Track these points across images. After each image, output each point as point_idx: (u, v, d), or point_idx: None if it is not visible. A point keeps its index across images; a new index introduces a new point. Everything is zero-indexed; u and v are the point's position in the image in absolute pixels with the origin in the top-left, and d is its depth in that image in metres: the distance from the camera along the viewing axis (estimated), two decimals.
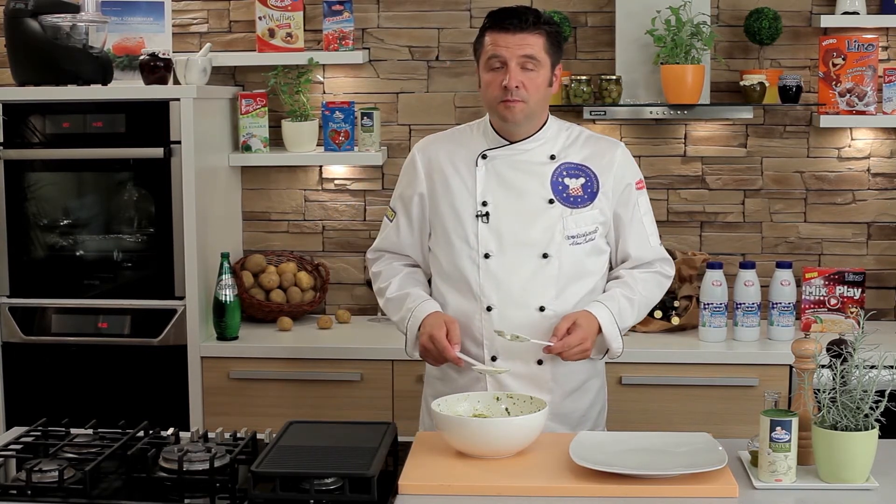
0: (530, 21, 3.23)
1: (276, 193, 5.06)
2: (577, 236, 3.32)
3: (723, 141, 4.88)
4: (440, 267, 3.42)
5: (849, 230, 4.88)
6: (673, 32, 4.53)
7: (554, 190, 3.32)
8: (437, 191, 3.39)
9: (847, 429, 2.72)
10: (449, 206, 3.37)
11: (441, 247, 3.40)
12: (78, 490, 2.69)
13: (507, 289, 3.31)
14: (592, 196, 3.34)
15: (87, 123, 4.52)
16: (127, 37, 4.90)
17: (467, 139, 3.43)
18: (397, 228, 3.48)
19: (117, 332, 4.53)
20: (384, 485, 2.70)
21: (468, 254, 3.34)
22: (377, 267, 3.54)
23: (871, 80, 4.62)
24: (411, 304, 3.36)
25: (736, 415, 4.23)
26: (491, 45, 3.25)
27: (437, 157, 3.42)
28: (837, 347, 2.89)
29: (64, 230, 4.66)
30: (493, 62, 3.25)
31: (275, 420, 3.41)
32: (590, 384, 3.46)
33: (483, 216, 3.33)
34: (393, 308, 3.43)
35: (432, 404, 3.00)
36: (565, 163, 3.35)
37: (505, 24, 3.22)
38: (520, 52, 3.22)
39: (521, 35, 3.22)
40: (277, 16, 4.82)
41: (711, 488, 2.69)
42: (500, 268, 3.32)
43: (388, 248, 3.52)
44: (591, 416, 3.47)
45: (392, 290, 3.44)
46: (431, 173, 3.41)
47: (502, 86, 3.23)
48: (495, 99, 3.27)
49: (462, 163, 3.38)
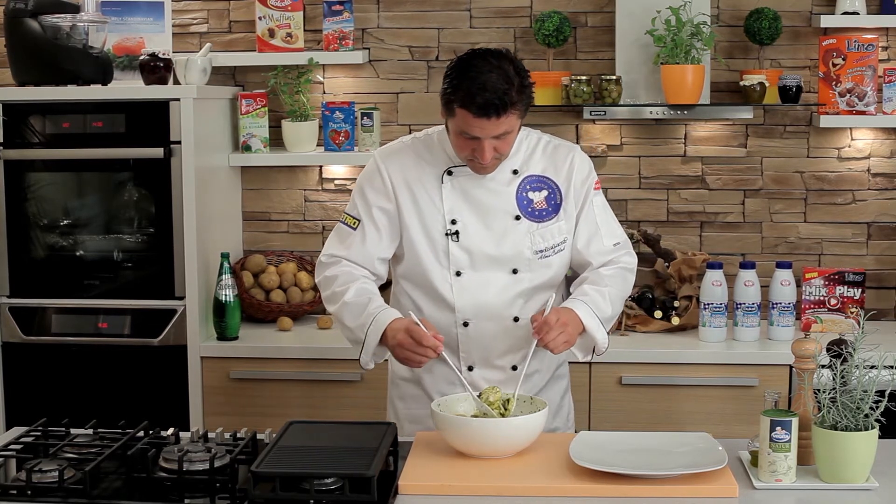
0: (507, 105, 3.06)
1: (277, 193, 5.06)
2: (545, 250, 3.31)
3: (723, 141, 4.88)
4: (410, 280, 3.37)
5: (849, 230, 4.88)
6: (673, 32, 4.53)
7: (519, 205, 3.31)
8: (405, 207, 3.32)
9: (847, 429, 2.72)
10: (419, 224, 3.31)
11: (413, 263, 3.35)
12: (78, 490, 2.68)
13: (481, 304, 3.30)
14: (556, 208, 3.33)
15: (88, 123, 4.52)
16: (127, 37, 4.90)
17: (431, 152, 3.34)
18: (363, 237, 3.33)
19: (117, 332, 4.53)
20: (384, 485, 2.70)
21: (439, 271, 3.31)
22: (333, 271, 3.34)
23: (871, 80, 4.62)
24: (373, 309, 3.23)
25: (736, 415, 4.23)
26: (462, 122, 3.11)
27: (403, 172, 3.33)
28: (837, 347, 2.89)
29: (64, 230, 4.66)
30: (463, 134, 3.13)
31: (275, 420, 3.41)
32: (559, 371, 3.52)
33: (453, 234, 3.30)
34: (350, 313, 3.26)
35: (432, 404, 3.00)
36: (528, 176, 3.33)
37: (479, 112, 3.06)
38: (494, 132, 3.10)
39: (495, 120, 3.07)
40: (277, 16, 4.82)
41: (711, 488, 2.69)
42: (473, 284, 3.30)
43: (349, 257, 3.35)
44: (564, 405, 3.54)
45: (350, 295, 3.26)
46: (398, 188, 3.32)
47: (474, 154, 3.16)
48: (466, 158, 3.21)
49: (428, 179, 3.32)
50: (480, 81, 3.05)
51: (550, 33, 4.67)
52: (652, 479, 2.73)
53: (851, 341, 2.81)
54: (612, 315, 3.31)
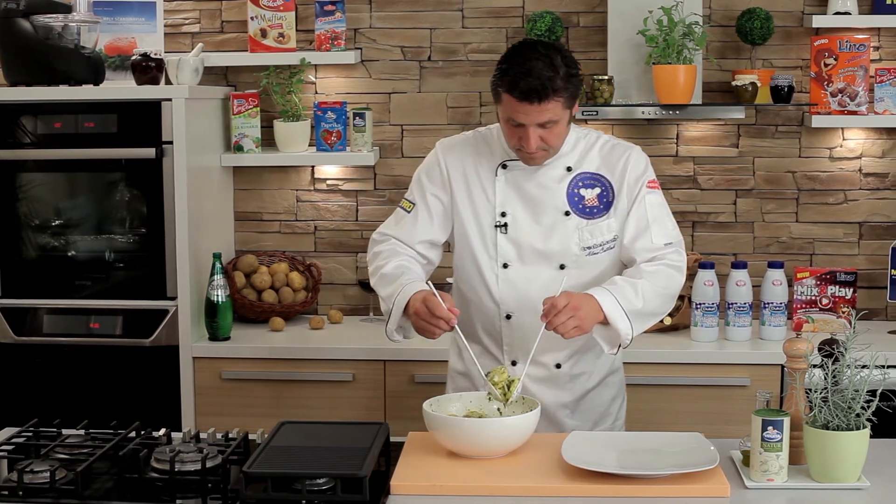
0: (549, 91, 3.11)
1: (268, 194, 5.06)
2: (593, 247, 3.31)
3: (714, 141, 4.88)
4: (461, 271, 3.41)
5: (840, 230, 4.89)
6: (665, 32, 4.54)
7: (570, 202, 3.32)
8: (459, 198, 3.38)
9: (838, 428, 2.73)
10: (471, 215, 3.36)
11: (462, 253, 3.40)
12: (69, 491, 2.68)
13: (525, 298, 3.29)
14: (608, 206, 3.33)
15: (79, 124, 4.51)
16: (119, 37, 4.89)
17: (489, 145, 3.40)
18: (415, 219, 3.40)
19: (109, 332, 4.53)
20: (376, 485, 2.70)
21: (487, 263, 3.35)
22: (381, 247, 3.43)
23: (862, 80, 4.63)
24: (405, 281, 3.26)
25: (728, 414, 4.23)
26: (508, 108, 3.17)
27: (461, 164, 3.39)
28: (829, 347, 2.89)
29: (56, 230, 4.66)
30: (510, 120, 3.19)
31: (267, 420, 3.41)
32: (610, 379, 3.49)
33: (502, 227, 3.33)
34: (384, 283, 3.31)
35: (424, 404, 3.00)
36: (581, 173, 3.34)
37: (522, 97, 3.12)
38: (538, 119, 3.15)
39: (538, 106, 3.12)
40: (269, 16, 4.82)
41: (703, 488, 2.69)
42: (519, 278, 3.32)
43: (398, 236, 3.42)
44: (612, 411, 3.49)
45: (389, 267, 3.33)
46: (454, 179, 3.38)
47: (521, 142, 3.21)
48: (514, 147, 3.26)
49: (484, 171, 3.37)
50: (526, 67, 3.12)
51: (542, 33, 4.67)
52: (644, 479, 2.73)
53: (843, 341, 2.82)
54: (644, 309, 3.19)
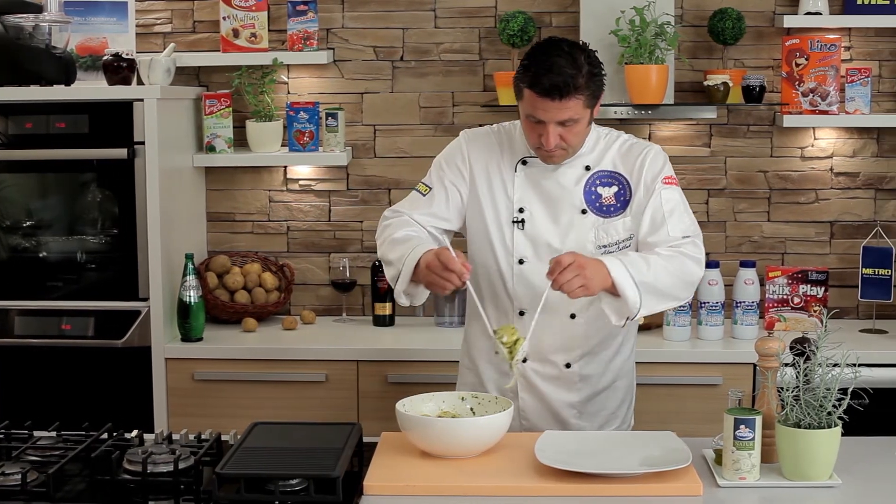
0: (571, 88, 3.11)
1: (241, 194, 5.05)
2: (608, 245, 3.32)
3: (687, 141, 4.89)
4: (475, 265, 3.39)
5: (812, 229, 4.91)
6: (637, 33, 4.54)
7: (587, 199, 3.32)
8: (480, 190, 3.38)
9: (810, 426, 2.74)
10: (490, 209, 3.37)
11: (477, 247, 3.40)
12: (41, 493, 2.67)
13: (539, 294, 3.24)
14: (625, 204, 3.34)
15: (51, 124, 4.49)
16: (90, 37, 4.87)
17: (511, 141, 3.40)
18: (431, 202, 3.38)
19: (81, 333, 4.51)
20: (349, 485, 2.70)
21: (504, 258, 3.36)
22: (391, 221, 3.38)
23: (833, 79, 4.65)
24: (416, 243, 3.22)
25: (700, 413, 4.24)
26: (528, 104, 3.18)
27: (484, 156, 3.39)
28: (801, 346, 2.91)
29: (27, 231, 4.63)
30: (530, 117, 3.19)
31: (240, 421, 3.40)
32: (619, 383, 3.48)
33: (519, 223, 3.34)
34: (393, 247, 3.26)
35: (397, 404, 3.00)
36: (599, 171, 3.35)
37: (543, 92, 3.12)
38: (558, 117, 3.15)
39: (559, 103, 3.13)
40: (241, 16, 4.81)
41: (676, 487, 2.70)
42: (534, 275, 3.31)
43: (413, 215, 3.37)
44: (619, 414, 3.49)
45: (399, 234, 3.30)
46: (476, 170, 3.39)
47: (540, 140, 3.21)
48: (534, 145, 3.26)
49: (504, 166, 3.37)
50: (548, 63, 3.12)
51: (515, 33, 4.67)
52: (617, 479, 2.73)
53: (814, 339, 2.83)
54: (655, 284, 3.13)
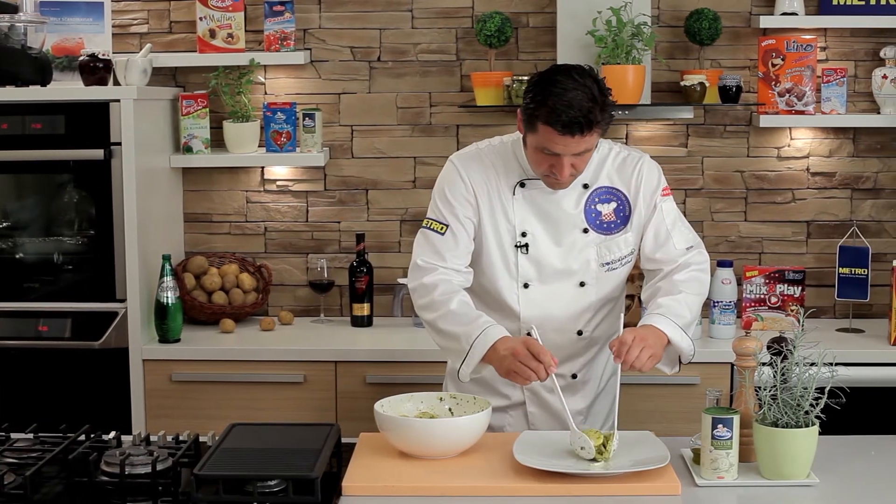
0: (592, 124, 3.08)
1: (218, 195, 5.04)
2: (612, 262, 3.35)
3: (663, 141, 4.90)
4: (479, 288, 3.38)
5: (789, 229, 4.92)
6: (614, 33, 4.55)
7: (588, 218, 3.33)
8: (482, 215, 3.34)
9: (788, 426, 2.75)
10: (492, 234, 3.34)
11: (481, 271, 3.37)
12: (18, 496, 2.66)
13: (547, 315, 3.31)
14: (625, 220, 3.35)
15: (26, 125, 4.47)
16: (66, 37, 4.85)
17: (504, 162, 3.36)
18: (456, 241, 3.32)
19: (58, 335, 4.49)
20: (328, 486, 2.70)
21: (508, 282, 3.35)
22: (431, 279, 3.29)
23: (809, 80, 4.67)
24: (483, 322, 3.17)
25: (678, 413, 4.25)
26: (544, 139, 3.12)
27: (483, 180, 3.35)
28: (778, 345, 2.91)
29: (3, 233, 4.62)
30: (544, 150, 3.14)
31: (217, 422, 3.40)
32: (611, 381, 3.51)
33: (522, 247, 3.33)
34: (456, 320, 3.20)
35: (375, 405, 2.99)
36: (597, 188, 3.35)
37: (564, 130, 3.08)
38: (575, 150, 3.12)
39: (578, 138, 3.09)
40: (218, 16, 4.79)
41: (654, 486, 2.71)
42: (540, 296, 3.33)
43: (446, 265, 3.31)
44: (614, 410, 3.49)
45: (455, 304, 3.22)
46: (479, 195, 3.34)
47: (552, 170, 3.18)
48: (543, 174, 3.23)
49: (502, 189, 3.35)
50: (567, 99, 3.07)
51: (492, 34, 4.67)
52: (595, 478, 2.74)
53: (792, 339, 2.84)
54: (692, 320, 3.27)
